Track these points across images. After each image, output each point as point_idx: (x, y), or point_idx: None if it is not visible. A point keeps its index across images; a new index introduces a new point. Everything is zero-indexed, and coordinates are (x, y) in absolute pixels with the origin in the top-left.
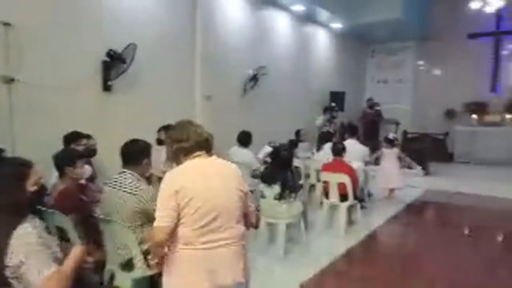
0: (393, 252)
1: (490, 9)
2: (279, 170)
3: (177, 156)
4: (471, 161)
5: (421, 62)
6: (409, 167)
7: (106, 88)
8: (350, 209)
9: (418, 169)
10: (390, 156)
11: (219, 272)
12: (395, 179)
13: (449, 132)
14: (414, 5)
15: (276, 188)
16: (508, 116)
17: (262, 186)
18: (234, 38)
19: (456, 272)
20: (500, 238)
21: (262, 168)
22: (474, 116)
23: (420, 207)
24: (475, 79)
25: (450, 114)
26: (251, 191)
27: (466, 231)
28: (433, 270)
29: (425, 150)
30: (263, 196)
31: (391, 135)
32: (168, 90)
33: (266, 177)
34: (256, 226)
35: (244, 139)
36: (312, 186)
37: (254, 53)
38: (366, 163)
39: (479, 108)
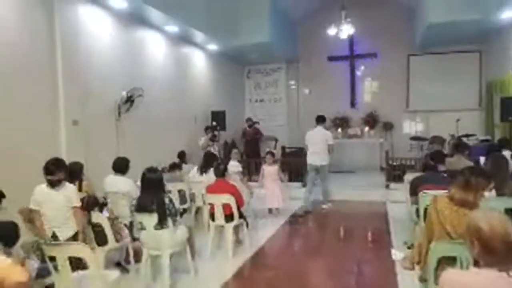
0: (279, 264)
1: (343, 35)
2: (151, 196)
3: None
4: (341, 170)
5: (292, 82)
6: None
7: None
8: (237, 228)
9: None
10: (271, 173)
11: None
12: (277, 199)
13: None
14: (280, 30)
15: (155, 217)
16: (366, 128)
17: (140, 217)
18: (103, 59)
19: (337, 274)
20: (363, 238)
21: None
22: (340, 129)
23: (301, 217)
24: (337, 96)
25: None
26: (131, 223)
27: (340, 235)
28: (316, 276)
29: (302, 163)
30: (142, 228)
31: (272, 150)
32: (24, 117)
33: (140, 205)
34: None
35: (121, 166)
36: (199, 209)
37: (128, 74)
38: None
39: (343, 122)
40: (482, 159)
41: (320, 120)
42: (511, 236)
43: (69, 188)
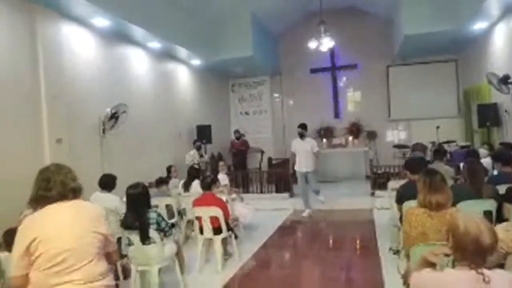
0: (268, 275)
1: (324, 48)
2: (134, 213)
3: (38, 203)
4: (327, 179)
5: (276, 95)
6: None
7: None
8: (225, 241)
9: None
10: None
11: None
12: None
13: None
14: (262, 44)
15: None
16: (350, 137)
17: (128, 233)
18: (86, 76)
19: (325, 283)
20: (351, 245)
21: None
22: (324, 139)
23: (289, 227)
24: (321, 107)
25: None
26: (118, 239)
27: (328, 244)
28: (305, 285)
29: (288, 174)
30: (130, 243)
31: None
32: (7, 137)
33: (125, 224)
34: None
35: (107, 183)
36: (189, 222)
37: (112, 91)
38: None
39: (327, 132)
40: (462, 165)
41: (303, 127)
42: (482, 239)
43: None
